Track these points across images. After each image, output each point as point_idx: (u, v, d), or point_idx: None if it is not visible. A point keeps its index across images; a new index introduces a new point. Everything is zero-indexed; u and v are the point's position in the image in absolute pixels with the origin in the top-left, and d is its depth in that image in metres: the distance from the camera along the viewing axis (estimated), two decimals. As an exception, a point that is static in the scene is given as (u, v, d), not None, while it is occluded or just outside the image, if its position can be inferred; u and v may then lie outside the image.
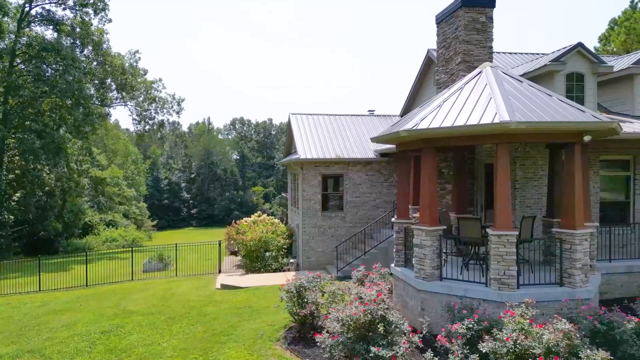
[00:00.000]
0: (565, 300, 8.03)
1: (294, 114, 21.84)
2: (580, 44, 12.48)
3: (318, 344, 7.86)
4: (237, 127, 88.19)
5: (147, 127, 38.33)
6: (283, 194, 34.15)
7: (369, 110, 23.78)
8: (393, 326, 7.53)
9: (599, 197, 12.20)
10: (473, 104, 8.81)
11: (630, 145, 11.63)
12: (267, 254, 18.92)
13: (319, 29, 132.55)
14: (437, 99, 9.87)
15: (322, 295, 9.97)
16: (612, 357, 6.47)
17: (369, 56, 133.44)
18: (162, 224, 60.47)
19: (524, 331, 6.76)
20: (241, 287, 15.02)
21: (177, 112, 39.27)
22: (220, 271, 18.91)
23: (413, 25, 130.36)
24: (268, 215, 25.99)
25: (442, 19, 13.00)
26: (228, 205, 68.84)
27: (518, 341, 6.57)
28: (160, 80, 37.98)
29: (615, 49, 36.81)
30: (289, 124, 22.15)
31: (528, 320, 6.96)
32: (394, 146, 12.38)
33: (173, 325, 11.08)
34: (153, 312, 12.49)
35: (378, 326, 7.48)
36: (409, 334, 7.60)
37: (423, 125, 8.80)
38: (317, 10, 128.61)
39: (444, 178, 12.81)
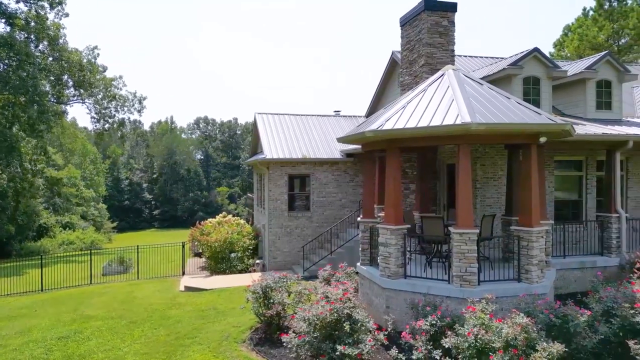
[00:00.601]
0: (523, 295, 8.35)
1: (260, 113, 21.70)
2: (536, 49, 13.00)
3: (284, 344, 7.85)
4: (201, 126, 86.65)
5: (107, 125, 37.00)
6: (249, 194, 33.86)
7: (335, 111, 23.93)
8: (359, 324, 7.62)
9: (554, 196, 12.75)
10: (436, 105, 9.02)
11: (583, 147, 12.21)
12: (233, 255, 18.71)
13: (284, 29, 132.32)
14: (402, 100, 10.05)
15: (289, 296, 9.96)
16: (566, 349, 6.78)
17: (334, 57, 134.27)
18: (122, 225, 58.61)
19: (484, 326, 6.98)
20: (206, 289, 14.78)
21: (139, 111, 38.09)
22: (184, 273, 18.54)
23: (378, 27, 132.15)
24: (233, 216, 25.68)
25: (406, 22, 13.24)
26: (192, 206, 67.52)
27: (479, 336, 6.78)
28: (120, 77, 36.78)
29: (569, 55, 38.57)
30: (254, 123, 21.98)
31: (488, 316, 7.19)
32: (359, 146, 12.52)
33: (134, 330, 10.78)
34: (113, 316, 12.11)
35: (344, 325, 7.54)
36: (374, 332, 7.71)
37: (388, 125, 8.94)
38: (281, 11, 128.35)
39: (408, 178, 13.05)
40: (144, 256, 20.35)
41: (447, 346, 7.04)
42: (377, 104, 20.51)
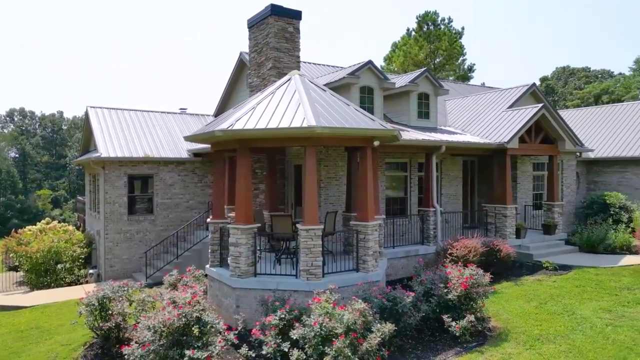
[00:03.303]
0: (361, 283, 9.20)
1: (94, 107, 19.58)
2: (370, 62, 14.44)
3: (125, 356, 7.27)
4: (15, 119, 74.08)
5: None
6: (79, 198, 30.16)
7: (181, 109, 22.90)
8: (208, 326, 7.48)
9: (385, 194, 14.34)
10: (284, 108, 9.37)
11: (407, 150, 13.97)
12: (60, 266, 16.53)
13: (124, 20, 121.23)
14: (251, 101, 10.17)
15: (130, 305, 9.24)
16: (396, 328, 7.71)
17: (180, 53, 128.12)
18: None
19: (328, 314, 7.51)
20: (25, 307, 12.79)
21: None
22: (-5, 291, 15.70)
23: (226, 26, 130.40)
24: (60, 222, 22.64)
25: (254, 24, 13.42)
26: (3, 212, 57.28)
27: (324, 324, 7.27)
28: None
29: (396, 69, 43.59)
30: (86, 118, 19.73)
31: (332, 305, 7.75)
32: (208, 146, 12.26)
33: None
34: None
35: (193, 328, 7.33)
36: (224, 332, 7.66)
37: (238, 125, 8.97)
38: (122, 1, 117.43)
39: (257, 178, 13.24)
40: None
41: (295, 337, 7.38)
42: (226, 103, 20.31)
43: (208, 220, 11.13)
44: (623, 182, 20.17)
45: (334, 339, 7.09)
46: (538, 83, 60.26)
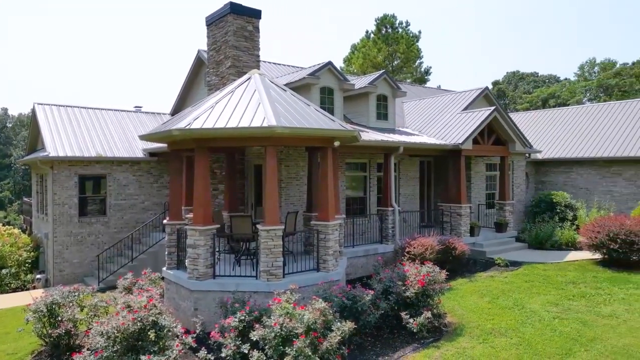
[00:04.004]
0: (321, 282, 9.24)
1: (42, 104, 18.62)
2: (330, 63, 14.54)
3: (77, 364, 6.97)
4: (-46, 115, 69.28)
5: None
6: (25, 199, 28.58)
7: (136, 107, 22.19)
8: (165, 330, 7.30)
9: (345, 194, 14.48)
10: (244, 107, 9.27)
11: (367, 151, 14.16)
12: (5, 271, 15.65)
13: (75, 16, 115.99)
14: (210, 100, 10.00)
15: (82, 310, 8.88)
16: (355, 326, 7.80)
17: (135, 49, 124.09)
18: None
19: (289, 315, 7.50)
20: (-35, 316, 11.97)
21: None
22: None
23: (183, 23, 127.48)
24: (4, 225, 21.39)
25: (213, 22, 13.21)
26: (-59, 215, 53.45)
27: (284, 324, 7.25)
28: None
29: (355, 70, 44.08)
30: (33, 115, 18.76)
31: (292, 305, 7.74)
32: (165, 145, 11.95)
33: None
34: None
35: (149, 333, 7.12)
36: (182, 336, 7.50)
37: (196, 125, 8.79)
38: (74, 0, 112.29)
39: (216, 178, 13.04)
40: None
41: (255, 339, 7.32)
42: (183, 102, 19.87)
43: (165, 221, 10.85)
44: (568, 182, 21.33)
45: (294, 339, 7.09)
46: (490, 87, 62.68)
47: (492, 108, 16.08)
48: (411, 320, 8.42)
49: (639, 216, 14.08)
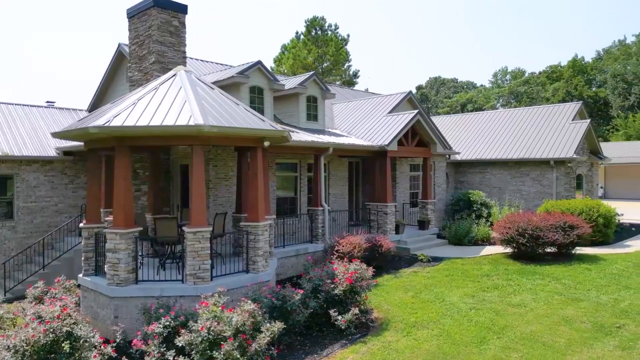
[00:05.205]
0: (251, 284, 9.15)
1: None
2: (259, 62, 14.44)
3: (-22, 384, 6.33)
4: None
5: None
6: None
7: (48, 102, 20.54)
8: (82, 341, 6.85)
9: (276, 194, 14.45)
10: (169, 105, 8.93)
11: (297, 151, 14.23)
12: None
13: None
14: (132, 97, 9.52)
15: (-16, 324, 8.05)
16: (285, 326, 7.81)
17: (49, 42, 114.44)
18: None
19: (216, 318, 7.34)
20: None
21: None
22: None
23: (103, 12, 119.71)
24: None
25: (135, 14, 12.59)
26: None
27: (211, 328, 7.08)
28: None
29: (286, 71, 44.12)
30: None
31: (220, 308, 7.58)
32: (81, 144, 11.19)
33: None
34: None
35: (63, 345, 6.63)
36: (100, 346, 7.07)
37: (117, 122, 8.32)
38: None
39: (139, 179, 12.43)
40: None
41: (180, 345, 7.08)
42: (102, 98, 18.71)
43: (81, 225, 10.16)
44: (484, 181, 22.94)
45: (222, 343, 6.95)
46: (414, 91, 65.67)
47: (416, 111, 16.86)
48: (339, 318, 8.59)
49: (544, 213, 15.50)
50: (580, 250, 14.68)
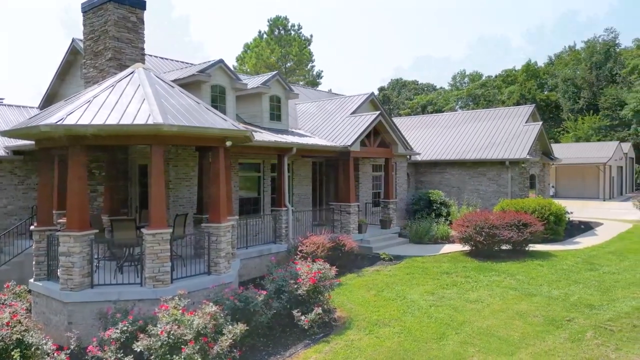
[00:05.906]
0: (213, 286, 9.02)
1: None
2: (221, 61, 14.23)
3: None
4: None
5: None
6: None
7: (-4, 98, 19.48)
8: (33, 348, 6.55)
9: (239, 195, 14.29)
10: (126, 103, 8.66)
11: (261, 152, 14.12)
12: None
13: None
14: (87, 94, 9.18)
15: None
16: (247, 327, 7.74)
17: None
18: None
19: (177, 321, 7.19)
20: None
21: None
22: None
23: (54, 4, 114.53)
24: None
25: (90, 9, 12.12)
26: None
27: (171, 332, 6.93)
28: None
29: (249, 70, 43.70)
30: None
31: (180, 311, 7.43)
32: (32, 142, 10.68)
33: None
34: None
35: (13, 353, 6.32)
36: (53, 353, 6.78)
37: (70, 120, 7.99)
38: None
39: (95, 179, 11.99)
40: None
41: (139, 350, 6.89)
42: (55, 95, 17.92)
43: (32, 227, 9.69)
44: (443, 181, 23.56)
45: (183, 346, 6.81)
46: (376, 92, 66.59)
47: (378, 112, 17.10)
48: (303, 318, 8.60)
49: (500, 211, 16.09)
50: (534, 247, 15.33)
